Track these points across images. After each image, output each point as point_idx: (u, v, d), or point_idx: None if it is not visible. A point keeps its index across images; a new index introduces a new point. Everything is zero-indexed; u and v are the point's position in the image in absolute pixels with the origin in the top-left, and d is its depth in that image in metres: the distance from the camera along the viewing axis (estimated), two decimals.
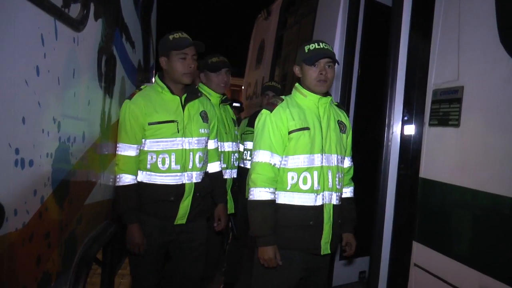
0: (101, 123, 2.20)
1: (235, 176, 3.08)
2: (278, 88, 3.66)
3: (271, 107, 2.15)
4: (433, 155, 2.27)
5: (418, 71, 2.55)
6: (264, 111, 2.16)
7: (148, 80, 3.92)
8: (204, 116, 2.55)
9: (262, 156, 2.09)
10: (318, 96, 2.13)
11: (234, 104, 5.77)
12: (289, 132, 2.09)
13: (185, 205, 2.41)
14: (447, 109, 2.14)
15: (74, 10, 1.63)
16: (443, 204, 2.19)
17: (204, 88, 2.92)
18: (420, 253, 2.31)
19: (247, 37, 7.24)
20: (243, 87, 7.38)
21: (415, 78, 2.59)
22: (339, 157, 2.17)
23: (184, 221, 2.44)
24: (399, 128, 2.63)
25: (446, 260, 2.11)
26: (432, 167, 2.28)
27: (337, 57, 2.53)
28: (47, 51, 1.35)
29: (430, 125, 2.28)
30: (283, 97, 2.22)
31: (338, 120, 2.21)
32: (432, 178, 2.26)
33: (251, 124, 3.38)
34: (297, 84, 2.24)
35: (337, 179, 2.14)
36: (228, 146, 3.02)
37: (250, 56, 6.87)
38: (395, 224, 2.58)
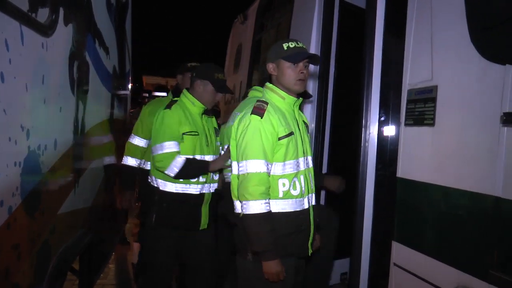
0: (74, 130, 2.15)
1: (213, 191, 2.86)
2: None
3: (260, 112, 2.02)
4: (410, 154, 2.29)
5: (393, 72, 2.56)
6: (252, 116, 2.01)
7: (124, 87, 3.87)
8: None
9: (256, 166, 1.96)
10: (295, 98, 2.11)
11: None
12: (279, 138, 2.01)
13: None
14: (422, 108, 2.16)
15: (42, 15, 1.59)
16: (421, 203, 2.20)
17: (187, 96, 2.75)
18: (400, 252, 2.32)
19: (224, 42, 7.23)
20: None
21: (390, 79, 2.61)
22: (311, 157, 2.19)
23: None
24: (376, 129, 2.64)
25: (425, 258, 2.12)
26: (409, 167, 2.29)
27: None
28: (12, 57, 1.31)
29: (406, 124, 2.30)
30: (264, 99, 2.11)
31: (303, 121, 2.23)
32: (409, 177, 2.27)
33: None
34: (270, 85, 2.15)
35: (312, 180, 2.16)
36: (208, 159, 2.77)
37: (228, 61, 6.85)
38: (374, 225, 2.59)
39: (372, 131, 2.65)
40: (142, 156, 3.27)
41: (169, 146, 2.54)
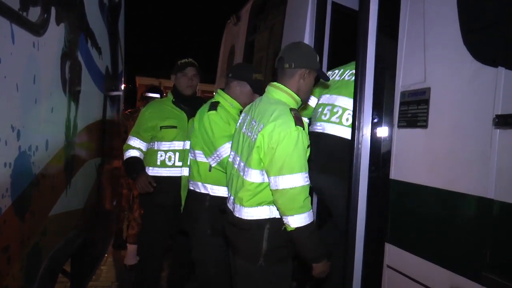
0: (66, 131, 2.13)
1: None
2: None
3: (301, 123, 2.04)
4: (403, 156, 2.29)
5: (386, 74, 2.57)
6: (299, 128, 2.01)
7: (117, 87, 3.84)
8: None
9: (304, 179, 2.04)
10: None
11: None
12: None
13: None
14: (415, 110, 2.17)
15: (34, 14, 1.57)
16: (414, 205, 2.21)
17: (224, 96, 2.79)
18: (393, 254, 2.32)
19: (217, 42, 7.22)
20: (214, 93, 7.33)
21: (383, 81, 2.61)
22: None
23: None
24: (369, 130, 2.64)
25: (418, 260, 2.13)
26: (402, 169, 2.30)
27: None
28: (2, 56, 1.30)
29: (399, 126, 2.30)
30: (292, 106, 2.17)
31: None
32: (402, 179, 2.28)
33: None
34: (294, 94, 2.21)
35: None
36: None
37: (221, 62, 6.85)
38: (367, 227, 2.59)
39: (365, 132, 2.65)
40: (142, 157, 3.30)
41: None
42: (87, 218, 2.73)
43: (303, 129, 2.04)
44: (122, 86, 4.37)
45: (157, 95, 5.42)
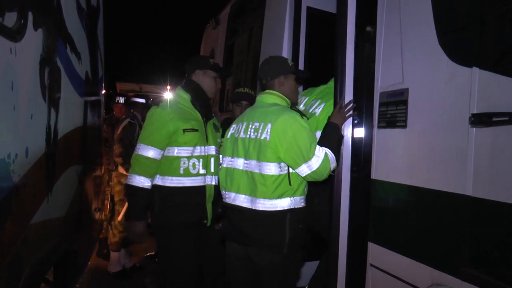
0: (46, 138, 2.10)
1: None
2: (253, 95, 3.31)
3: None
4: (383, 156, 2.33)
5: (366, 75, 2.61)
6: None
7: (97, 93, 3.81)
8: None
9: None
10: None
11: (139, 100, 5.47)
12: None
13: None
14: (394, 111, 2.21)
15: (10, 19, 1.56)
16: (394, 204, 2.25)
17: (282, 97, 2.59)
18: (376, 253, 2.35)
19: (197, 47, 7.21)
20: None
21: (362, 82, 2.65)
22: None
23: None
24: (350, 132, 2.67)
25: (400, 258, 2.16)
26: (383, 168, 2.34)
27: None
28: None
29: (379, 127, 2.34)
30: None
31: None
32: (383, 179, 2.32)
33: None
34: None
35: None
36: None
37: None
38: (350, 227, 2.62)
39: (346, 134, 2.68)
40: (157, 171, 2.74)
41: None
42: (70, 226, 2.69)
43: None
44: (103, 92, 4.34)
45: (143, 100, 5.39)
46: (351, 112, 2.56)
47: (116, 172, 4.98)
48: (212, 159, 2.85)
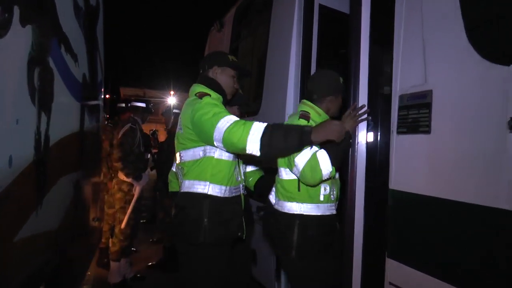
0: (35, 145, 1.92)
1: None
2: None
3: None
4: (403, 164, 2.14)
5: (381, 78, 2.43)
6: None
7: (96, 97, 3.64)
8: None
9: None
10: None
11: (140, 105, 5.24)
12: None
13: None
14: (416, 115, 2.02)
15: None
16: (417, 217, 2.05)
17: (314, 108, 2.49)
18: (395, 270, 2.15)
19: (201, 51, 7.06)
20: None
21: (378, 85, 2.47)
22: None
23: None
24: (365, 137, 2.49)
25: (422, 277, 1.97)
26: (403, 177, 2.14)
27: (293, 66, 3.28)
28: None
29: (398, 133, 2.15)
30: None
31: None
32: (403, 189, 2.13)
33: None
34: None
35: None
36: None
37: None
38: (365, 240, 2.43)
39: (360, 140, 2.49)
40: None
41: None
42: (63, 238, 2.51)
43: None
44: (102, 96, 4.17)
45: (143, 104, 5.24)
46: (364, 116, 2.38)
47: (116, 179, 4.81)
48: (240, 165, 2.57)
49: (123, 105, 5.41)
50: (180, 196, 2.38)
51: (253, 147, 1.99)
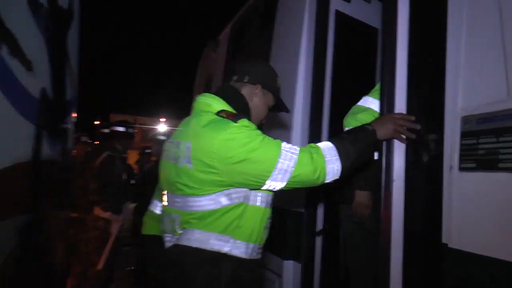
0: None
1: None
2: None
3: None
4: (472, 215, 1.51)
5: (429, 93, 1.84)
6: None
7: (63, 118, 3.00)
8: None
9: None
10: None
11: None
12: None
13: None
14: (493, 144, 1.41)
15: None
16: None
17: None
18: None
19: (192, 74, 6.54)
20: None
21: (424, 103, 1.88)
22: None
23: None
24: (402, 171, 1.88)
25: None
26: (470, 234, 1.51)
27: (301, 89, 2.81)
28: None
29: (461, 169, 1.53)
30: None
31: None
32: (471, 250, 1.49)
33: None
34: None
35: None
36: None
37: (197, 93, 6.10)
38: None
39: (395, 178, 1.88)
40: None
41: None
42: None
43: None
44: (73, 117, 3.55)
45: (123, 129, 4.62)
46: (412, 135, 1.79)
47: (90, 215, 4.13)
48: None
49: (107, 130, 4.75)
50: (181, 250, 1.68)
51: (333, 171, 1.61)
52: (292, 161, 1.55)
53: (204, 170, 1.57)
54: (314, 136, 2.66)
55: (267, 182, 1.58)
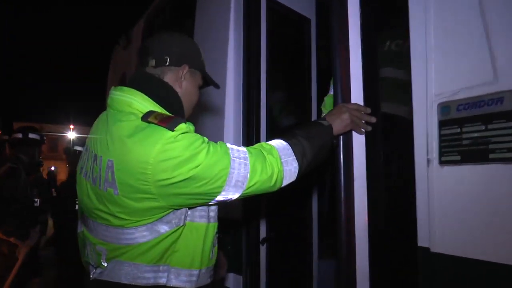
0: None
1: None
2: None
3: None
4: (455, 213, 1.32)
5: (392, 81, 1.64)
6: None
7: None
8: None
9: None
10: None
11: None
12: None
13: None
14: (481, 132, 1.23)
15: None
16: None
17: None
18: None
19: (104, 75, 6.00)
20: None
21: (381, 91, 1.68)
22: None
23: None
24: (364, 164, 1.68)
25: None
26: (454, 236, 1.32)
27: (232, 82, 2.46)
28: None
29: (442, 163, 1.34)
30: None
31: None
32: (456, 253, 1.30)
33: None
34: None
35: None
36: None
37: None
38: None
39: (357, 176, 1.67)
40: None
41: None
42: None
43: None
44: None
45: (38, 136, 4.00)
46: (369, 127, 1.60)
47: None
48: None
49: (20, 135, 3.99)
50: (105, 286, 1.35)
51: (290, 173, 1.41)
52: (245, 169, 1.29)
53: (136, 197, 1.24)
54: (250, 136, 2.39)
55: (217, 198, 1.29)
